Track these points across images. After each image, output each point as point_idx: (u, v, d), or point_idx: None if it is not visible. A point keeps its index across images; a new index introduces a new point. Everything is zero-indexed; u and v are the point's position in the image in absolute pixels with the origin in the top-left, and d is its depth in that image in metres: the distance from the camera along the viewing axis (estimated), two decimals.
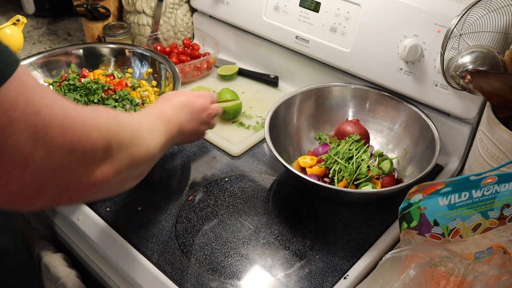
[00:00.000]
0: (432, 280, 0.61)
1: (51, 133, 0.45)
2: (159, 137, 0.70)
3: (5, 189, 0.44)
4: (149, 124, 0.69)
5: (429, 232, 0.70)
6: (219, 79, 1.30)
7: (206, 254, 0.81)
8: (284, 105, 1.01)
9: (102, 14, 1.32)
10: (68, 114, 0.47)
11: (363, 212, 0.90)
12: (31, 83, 0.44)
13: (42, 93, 0.45)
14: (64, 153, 0.46)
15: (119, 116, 0.60)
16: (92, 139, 0.49)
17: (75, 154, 0.47)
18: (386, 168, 0.93)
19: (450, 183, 0.67)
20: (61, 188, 0.48)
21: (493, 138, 0.79)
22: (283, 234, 0.85)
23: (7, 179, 0.43)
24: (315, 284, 0.76)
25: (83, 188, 0.50)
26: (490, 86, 0.76)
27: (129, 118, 0.64)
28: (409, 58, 0.93)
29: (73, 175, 0.48)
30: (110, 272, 0.85)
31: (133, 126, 0.62)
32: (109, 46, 1.20)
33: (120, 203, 0.91)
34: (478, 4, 0.80)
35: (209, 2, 1.30)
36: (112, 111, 0.61)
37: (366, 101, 1.05)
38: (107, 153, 0.53)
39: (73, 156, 0.47)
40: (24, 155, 0.43)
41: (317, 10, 1.08)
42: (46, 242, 0.96)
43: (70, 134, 0.47)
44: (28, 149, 0.43)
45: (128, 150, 0.57)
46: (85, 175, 0.50)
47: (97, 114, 0.53)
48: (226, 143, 1.05)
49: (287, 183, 0.96)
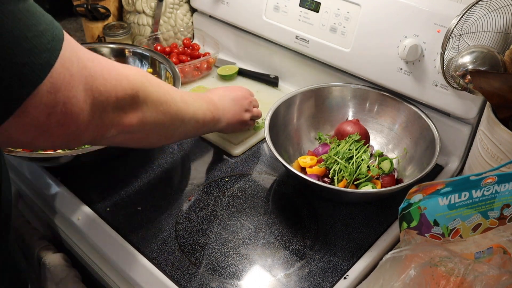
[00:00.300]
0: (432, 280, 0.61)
1: (96, 83, 0.53)
2: (194, 108, 0.77)
3: (65, 130, 0.52)
4: (184, 94, 0.76)
5: (429, 232, 0.70)
6: (219, 79, 1.30)
7: (206, 254, 0.81)
8: (284, 105, 1.01)
9: (102, 14, 1.32)
10: (105, 65, 0.56)
11: (363, 212, 0.90)
12: (73, 41, 0.52)
13: (83, 48, 0.53)
14: (104, 99, 0.55)
15: (149, 75, 0.66)
16: (123, 87, 0.58)
17: (111, 100, 0.56)
18: (386, 168, 0.93)
19: (450, 183, 0.67)
20: (98, 127, 0.57)
21: (493, 138, 0.79)
22: (283, 234, 0.85)
23: (67, 124, 0.51)
24: (315, 284, 0.76)
25: (114, 126, 0.59)
26: (490, 86, 0.76)
27: (160, 82, 0.70)
28: (409, 58, 0.93)
29: (107, 117, 0.57)
30: (110, 272, 0.85)
31: (163, 87, 0.69)
32: (109, 46, 1.20)
33: (120, 203, 0.91)
34: (478, 4, 0.80)
35: (209, 2, 1.30)
36: (142, 71, 0.65)
37: (366, 101, 1.05)
38: (134, 102, 0.61)
39: (109, 101, 0.56)
40: (80, 104, 0.51)
41: (317, 10, 1.08)
42: (46, 242, 0.96)
43: (109, 82, 0.55)
44: (82, 97, 0.51)
45: (154, 104, 0.65)
46: (115, 118, 0.58)
47: (128, 67, 0.61)
48: (226, 143, 1.05)
49: (287, 183, 0.96)
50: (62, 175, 0.97)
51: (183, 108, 0.73)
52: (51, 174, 0.97)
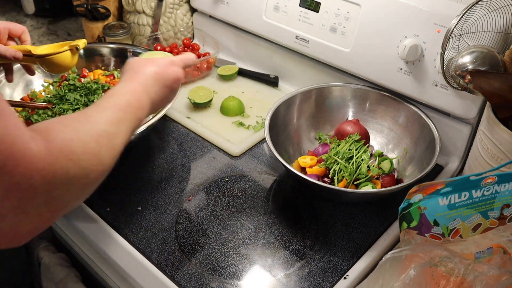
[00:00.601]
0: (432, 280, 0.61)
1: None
2: (124, 132, 0.62)
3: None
4: (106, 125, 0.59)
5: (429, 232, 0.70)
6: (219, 79, 1.30)
7: (206, 254, 0.81)
8: (284, 105, 1.01)
9: (102, 14, 1.32)
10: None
11: (363, 212, 0.90)
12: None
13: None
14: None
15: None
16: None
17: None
18: (386, 168, 0.93)
19: (450, 183, 0.67)
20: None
21: (493, 138, 0.79)
22: (283, 234, 0.85)
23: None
24: (315, 284, 0.76)
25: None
26: (490, 86, 0.76)
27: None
28: (409, 58, 0.93)
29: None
30: (110, 272, 0.85)
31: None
32: (109, 46, 1.20)
33: (120, 203, 0.91)
34: (478, 4, 0.80)
35: (209, 2, 1.30)
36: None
37: (366, 101, 1.05)
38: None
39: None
40: None
41: (317, 10, 1.08)
42: (46, 242, 0.96)
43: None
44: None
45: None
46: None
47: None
48: (226, 143, 1.05)
49: (287, 183, 0.96)
50: None
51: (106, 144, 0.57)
52: None
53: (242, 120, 1.13)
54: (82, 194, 0.54)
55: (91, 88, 1.03)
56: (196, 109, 1.17)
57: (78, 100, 1.00)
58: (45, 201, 0.46)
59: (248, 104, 1.19)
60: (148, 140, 1.08)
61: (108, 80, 1.11)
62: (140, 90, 0.69)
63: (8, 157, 0.42)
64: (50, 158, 0.46)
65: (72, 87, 1.03)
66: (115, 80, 1.12)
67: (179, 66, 0.80)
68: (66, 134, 0.51)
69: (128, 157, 1.02)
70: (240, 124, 1.12)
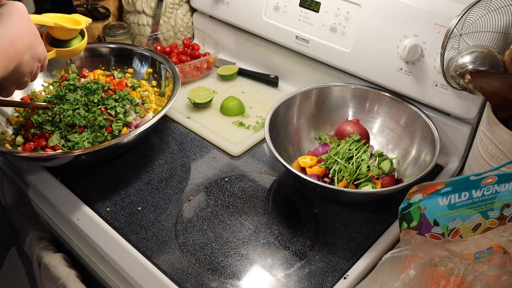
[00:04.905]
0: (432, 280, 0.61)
1: None
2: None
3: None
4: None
5: (429, 232, 0.70)
6: (219, 79, 1.30)
7: (206, 254, 0.81)
8: (284, 105, 1.01)
9: (102, 14, 1.32)
10: None
11: (363, 212, 0.90)
12: None
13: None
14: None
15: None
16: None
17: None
18: (386, 168, 0.93)
19: (450, 183, 0.67)
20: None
21: (493, 138, 0.79)
22: (283, 234, 0.85)
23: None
24: (315, 284, 0.76)
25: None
26: (490, 86, 0.76)
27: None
28: (409, 58, 0.93)
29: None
30: (110, 272, 0.85)
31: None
32: (109, 46, 1.20)
33: (120, 203, 0.91)
34: (478, 4, 0.80)
35: (209, 2, 1.30)
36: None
37: (366, 101, 1.05)
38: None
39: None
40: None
41: (317, 10, 1.08)
42: (46, 242, 0.96)
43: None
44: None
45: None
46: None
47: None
48: (226, 143, 1.05)
49: (287, 183, 0.96)
50: (62, 175, 0.97)
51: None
52: (51, 174, 0.97)
53: (242, 120, 1.13)
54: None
55: (91, 88, 1.03)
56: (196, 109, 1.17)
57: (78, 100, 1.00)
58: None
59: (248, 104, 1.19)
60: (148, 140, 1.08)
61: (108, 80, 1.11)
62: (17, 43, 0.71)
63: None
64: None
65: (72, 87, 1.03)
66: (115, 80, 1.12)
67: (44, 48, 0.81)
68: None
69: (128, 157, 1.02)
70: (240, 124, 1.12)
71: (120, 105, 1.01)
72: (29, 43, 0.76)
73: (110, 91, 1.05)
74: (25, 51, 0.75)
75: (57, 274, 0.88)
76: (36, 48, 0.78)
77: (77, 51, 0.97)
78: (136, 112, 1.03)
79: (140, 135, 0.91)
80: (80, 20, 0.97)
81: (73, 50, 0.96)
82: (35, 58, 0.79)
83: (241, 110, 1.15)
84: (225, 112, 1.15)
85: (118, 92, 1.04)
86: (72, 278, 0.87)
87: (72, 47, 0.95)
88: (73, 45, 0.96)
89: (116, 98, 1.03)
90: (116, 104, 1.01)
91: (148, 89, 1.13)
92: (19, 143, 0.97)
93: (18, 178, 1.02)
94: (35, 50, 0.78)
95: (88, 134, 0.95)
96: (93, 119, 0.97)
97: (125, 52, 1.18)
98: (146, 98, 1.10)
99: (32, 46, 0.77)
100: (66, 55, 0.96)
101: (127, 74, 1.17)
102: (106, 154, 0.97)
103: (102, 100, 1.02)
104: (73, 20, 0.97)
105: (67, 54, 0.96)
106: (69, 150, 0.93)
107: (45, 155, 0.90)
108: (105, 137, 0.96)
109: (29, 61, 0.77)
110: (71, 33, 0.95)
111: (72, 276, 0.87)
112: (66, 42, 0.96)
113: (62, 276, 0.87)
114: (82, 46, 0.97)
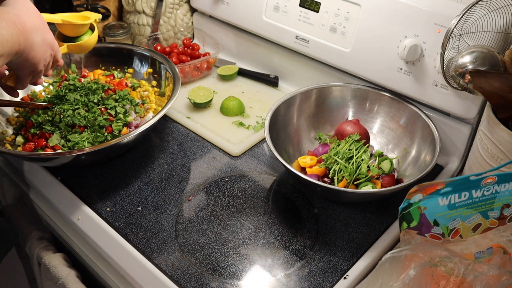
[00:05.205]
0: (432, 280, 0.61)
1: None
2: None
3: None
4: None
5: (429, 232, 0.70)
6: (219, 79, 1.30)
7: (206, 254, 0.81)
8: (284, 105, 1.01)
9: (102, 14, 1.32)
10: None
11: (363, 212, 0.90)
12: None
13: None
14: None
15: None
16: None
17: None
18: (386, 168, 0.93)
19: (450, 183, 0.67)
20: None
21: (493, 138, 0.79)
22: (283, 234, 0.85)
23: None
24: (315, 284, 0.76)
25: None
26: (490, 86, 0.76)
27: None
28: (409, 58, 0.93)
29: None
30: (110, 272, 0.85)
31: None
32: (109, 46, 1.20)
33: (120, 203, 0.91)
34: (478, 4, 0.80)
35: (209, 2, 1.30)
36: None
37: (366, 101, 1.05)
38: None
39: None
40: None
41: (317, 10, 1.08)
42: (46, 242, 0.96)
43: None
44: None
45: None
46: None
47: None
48: (226, 143, 1.05)
49: (287, 183, 0.96)
50: (62, 175, 0.97)
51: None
52: (51, 174, 0.97)
53: (242, 120, 1.13)
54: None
55: (91, 88, 1.03)
56: (196, 109, 1.17)
57: (78, 100, 1.00)
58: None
59: (248, 104, 1.19)
60: (148, 140, 1.08)
61: (108, 80, 1.11)
62: (27, 22, 0.74)
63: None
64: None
65: (72, 87, 1.03)
66: (115, 80, 1.12)
67: (54, 38, 0.82)
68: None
69: (128, 157, 1.02)
70: (240, 124, 1.12)
71: (120, 105, 1.01)
72: (37, 24, 0.77)
73: (110, 91, 1.05)
74: (33, 30, 0.76)
75: (57, 274, 0.88)
76: (45, 33, 0.79)
77: (88, 45, 0.98)
78: (136, 112, 1.03)
79: (140, 135, 0.91)
80: (89, 16, 0.98)
81: (83, 44, 0.97)
82: (46, 43, 0.79)
83: (241, 110, 1.15)
84: (225, 112, 1.15)
85: (118, 92, 1.04)
86: (72, 278, 0.87)
87: (81, 41, 0.96)
88: (83, 40, 0.96)
89: (116, 98, 1.03)
90: (116, 104, 1.01)
91: (148, 89, 1.13)
92: (19, 143, 0.97)
93: (18, 178, 1.02)
94: (45, 35, 0.79)
95: (88, 134, 0.95)
96: (93, 119, 0.97)
97: (125, 52, 1.18)
98: (146, 98, 1.10)
99: (40, 29, 0.78)
100: (77, 50, 0.97)
101: (127, 74, 1.17)
102: (106, 154, 0.97)
103: (102, 100, 1.02)
104: (83, 16, 0.98)
105: (77, 48, 0.97)
106: (69, 150, 0.93)
107: (45, 155, 0.90)
108: (105, 137, 0.96)
109: (41, 45, 0.78)
110: (80, 29, 0.95)
111: (72, 276, 0.87)
112: (76, 38, 0.96)
113: (62, 276, 0.87)
114: (92, 40, 0.97)
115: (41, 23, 0.79)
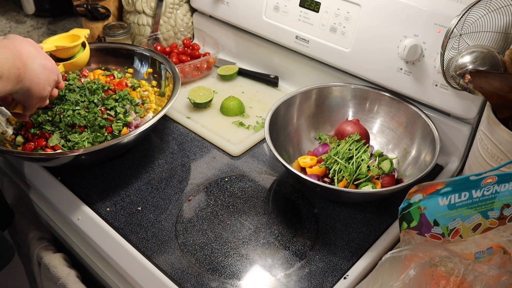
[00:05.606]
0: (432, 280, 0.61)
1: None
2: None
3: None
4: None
5: (429, 232, 0.70)
6: (219, 79, 1.30)
7: (206, 254, 0.81)
8: (284, 105, 1.01)
9: (102, 14, 1.32)
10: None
11: (363, 212, 0.90)
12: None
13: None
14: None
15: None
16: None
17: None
18: (386, 168, 0.93)
19: (450, 183, 0.67)
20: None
21: (493, 138, 0.79)
22: (283, 234, 0.85)
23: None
24: (315, 284, 0.76)
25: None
26: (490, 86, 0.76)
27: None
28: (409, 58, 0.93)
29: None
30: (110, 272, 0.85)
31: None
32: (109, 46, 1.20)
33: (120, 203, 0.91)
34: (478, 4, 0.80)
35: (209, 2, 1.30)
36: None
37: (366, 101, 1.05)
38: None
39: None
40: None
41: (317, 10, 1.08)
42: (46, 242, 0.96)
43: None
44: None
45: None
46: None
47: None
48: (226, 143, 1.05)
49: (287, 183, 0.96)
50: (62, 175, 0.97)
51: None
52: (51, 174, 0.97)
53: (242, 120, 1.13)
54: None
55: (91, 88, 1.03)
56: (196, 109, 1.17)
57: (78, 100, 1.00)
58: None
59: (248, 104, 1.19)
60: (148, 140, 1.08)
61: (108, 80, 1.11)
62: (24, 51, 0.76)
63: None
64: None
65: (72, 87, 1.03)
66: (115, 80, 1.12)
67: (54, 63, 0.85)
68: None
69: (128, 157, 1.02)
70: (240, 124, 1.12)
71: (120, 105, 1.01)
72: (33, 50, 0.79)
73: (110, 91, 1.05)
74: (30, 57, 0.77)
75: (57, 274, 0.88)
76: (44, 60, 0.81)
77: (82, 61, 1.02)
78: (136, 112, 1.03)
79: (140, 135, 0.91)
80: (78, 34, 1.01)
81: (77, 61, 1.01)
82: (48, 69, 0.82)
83: (241, 110, 1.15)
84: (225, 112, 1.15)
85: (118, 92, 1.04)
86: (72, 278, 0.87)
87: (75, 58, 1.01)
88: (77, 57, 1.01)
89: (116, 98, 1.03)
90: (116, 104, 1.01)
91: (148, 89, 1.13)
92: (19, 143, 0.97)
93: (18, 178, 1.02)
94: (44, 61, 0.81)
95: (88, 134, 0.95)
96: (93, 119, 0.97)
97: (125, 52, 1.18)
98: (146, 98, 1.10)
99: (38, 56, 0.80)
100: (72, 67, 1.02)
101: (127, 74, 1.17)
102: (106, 154, 0.97)
103: (102, 100, 1.02)
104: (72, 36, 1.01)
105: (72, 66, 1.01)
106: (69, 150, 0.93)
107: (45, 155, 0.90)
108: (105, 137, 0.96)
109: (43, 72, 0.80)
110: (73, 49, 1.00)
111: (72, 276, 0.87)
112: (71, 58, 1.01)
113: (62, 276, 0.87)
114: (85, 56, 1.02)
115: (37, 50, 0.81)
